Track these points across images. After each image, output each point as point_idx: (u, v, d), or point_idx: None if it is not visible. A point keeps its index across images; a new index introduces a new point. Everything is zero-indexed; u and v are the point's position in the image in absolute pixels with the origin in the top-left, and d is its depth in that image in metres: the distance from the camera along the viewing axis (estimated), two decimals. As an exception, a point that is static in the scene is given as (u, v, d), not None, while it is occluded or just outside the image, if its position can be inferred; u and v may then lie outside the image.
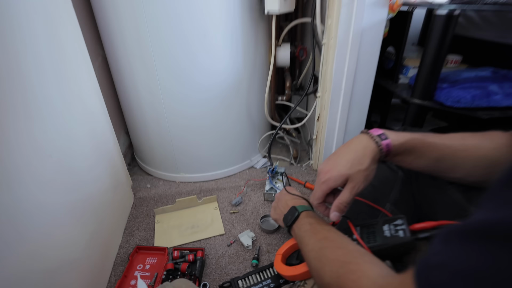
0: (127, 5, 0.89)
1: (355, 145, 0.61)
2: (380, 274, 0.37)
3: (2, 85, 0.49)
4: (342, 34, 0.89)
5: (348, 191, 0.59)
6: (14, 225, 0.50)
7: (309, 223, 0.64)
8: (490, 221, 0.26)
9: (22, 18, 0.57)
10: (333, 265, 0.46)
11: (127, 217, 1.05)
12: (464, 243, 0.27)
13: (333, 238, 0.54)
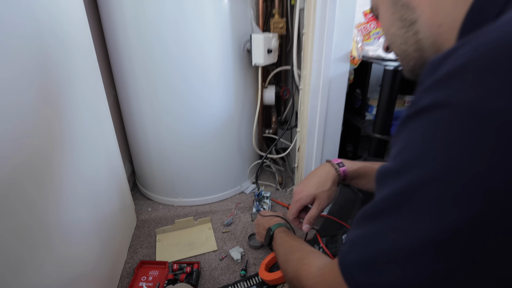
0: (139, 55, 1.10)
1: (320, 171, 0.80)
2: (323, 262, 0.52)
3: (54, 127, 0.67)
4: (314, 82, 1.09)
5: (316, 207, 0.78)
6: (48, 243, 0.62)
7: (280, 237, 0.80)
8: (376, 203, 0.33)
9: (74, 76, 0.75)
10: (293, 263, 0.58)
11: (131, 237, 1.20)
12: (362, 226, 0.35)
13: (295, 244, 0.69)
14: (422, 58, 0.48)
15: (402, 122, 0.31)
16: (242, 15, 1.18)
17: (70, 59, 0.77)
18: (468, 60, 0.25)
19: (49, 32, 0.68)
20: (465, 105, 0.25)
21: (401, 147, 0.30)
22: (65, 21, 0.76)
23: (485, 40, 0.25)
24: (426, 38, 0.45)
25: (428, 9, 0.44)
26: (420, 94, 0.29)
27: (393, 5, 0.49)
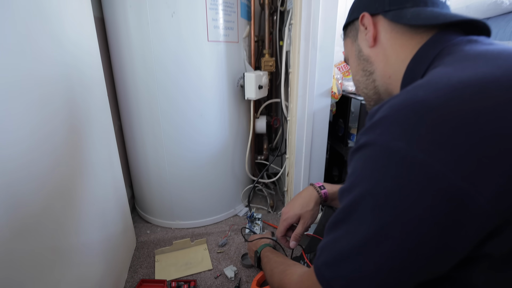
0: (144, 93, 1.23)
1: (304, 194, 0.92)
2: (303, 271, 0.60)
3: (76, 155, 0.79)
4: (300, 114, 1.23)
5: (301, 225, 0.89)
6: (66, 263, 0.70)
7: (266, 256, 0.87)
8: (336, 215, 0.42)
9: (91, 111, 0.88)
10: (278, 275, 0.66)
11: (131, 257, 1.28)
12: (328, 234, 0.43)
13: (279, 260, 0.77)
14: (379, 99, 0.62)
15: (351, 153, 0.43)
16: (236, 55, 1.33)
17: (87, 97, 0.90)
18: (384, 115, 0.38)
19: (74, 75, 0.81)
20: (381, 145, 0.37)
21: (351, 172, 0.42)
22: (85, 63, 0.89)
23: (394, 102, 0.38)
24: (381, 85, 0.60)
25: (381, 64, 0.59)
26: (361, 135, 0.41)
27: (358, 58, 0.64)
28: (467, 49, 0.44)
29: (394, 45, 0.56)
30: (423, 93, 0.36)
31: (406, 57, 0.53)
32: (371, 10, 0.59)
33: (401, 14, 0.54)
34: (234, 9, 1.26)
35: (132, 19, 1.15)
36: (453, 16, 0.48)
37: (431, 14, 0.50)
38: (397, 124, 0.36)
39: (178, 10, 1.12)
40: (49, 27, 0.70)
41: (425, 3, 0.54)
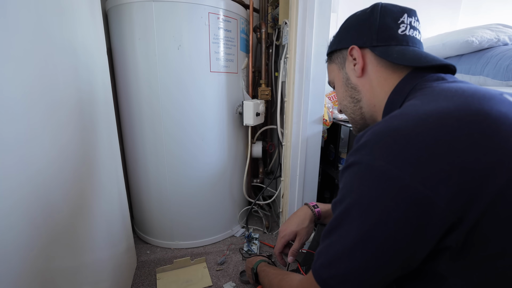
0: (149, 120, 1.33)
1: (299, 212, 1.00)
2: (302, 277, 0.64)
3: (92, 173, 0.86)
4: (294, 139, 1.34)
5: (297, 242, 0.96)
6: (81, 282, 0.79)
7: (262, 270, 0.94)
8: (330, 223, 0.50)
9: (100, 133, 0.96)
10: (277, 284, 0.73)
11: (133, 276, 1.33)
12: (324, 240, 0.50)
13: (276, 272, 0.84)
14: (365, 124, 0.71)
15: (342, 171, 0.51)
16: (235, 85, 1.45)
17: (99, 120, 0.99)
18: (368, 140, 0.47)
19: (86, 101, 0.90)
20: (366, 163, 0.45)
21: (342, 187, 0.50)
22: (98, 91, 0.99)
23: (376, 129, 0.47)
24: (367, 112, 0.69)
25: (368, 94, 0.67)
26: (349, 156, 0.50)
27: (346, 85, 0.72)
28: (434, 85, 0.54)
29: (379, 78, 0.65)
30: (397, 122, 0.46)
31: (389, 89, 0.62)
32: (360, 44, 0.66)
33: (388, 52, 0.62)
34: (234, 43, 1.39)
35: (140, 50, 1.26)
36: (430, 60, 0.58)
37: (413, 55, 0.60)
38: (378, 147, 0.45)
39: (184, 43, 1.24)
40: (74, 58, 0.80)
41: (407, 42, 0.63)
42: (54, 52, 0.69)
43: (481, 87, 0.51)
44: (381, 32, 0.64)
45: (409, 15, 0.64)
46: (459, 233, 0.41)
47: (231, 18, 1.33)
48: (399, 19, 0.63)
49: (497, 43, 1.45)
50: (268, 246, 1.54)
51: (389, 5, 0.65)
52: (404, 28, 0.63)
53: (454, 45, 1.55)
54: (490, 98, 0.45)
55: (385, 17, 0.64)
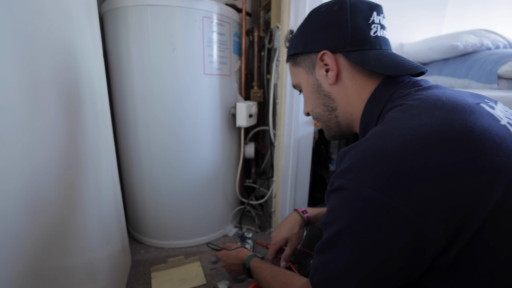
0: (143, 117, 1.35)
1: (289, 219, 1.02)
2: (302, 282, 0.64)
3: (94, 172, 0.89)
4: (286, 140, 1.37)
5: (289, 248, 0.98)
6: (72, 281, 0.81)
7: (257, 266, 0.91)
8: (323, 242, 0.50)
9: (101, 134, 0.99)
10: (278, 285, 0.73)
11: (127, 276, 1.34)
12: (318, 256, 0.51)
13: (273, 271, 0.82)
14: (340, 132, 0.70)
15: (327, 193, 0.50)
16: (228, 87, 1.48)
17: (99, 122, 1.01)
18: (352, 163, 0.46)
19: (89, 103, 0.92)
20: (353, 190, 0.45)
21: (330, 209, 0.50)
22: (96, 94, 1.01)
23: (359, 150, 0.47)
24: (343, 121, 0.67)
25: (344, 102, 0.64)
26: (334, 178, 0.49)
27: (317, 92, 0.68)
28: (413, 94, 0.53)
29: (355, 85, 0.62)
30: (381, 143, 0.45)
31: (365, 97, 0.60)
32: (332, 48, 0.61)
33: (364, 58, 0.59)
34: (228, 46, 1.42)
35: (135, 53, 1.28)
36: (408, 68, 0.57)
37: (391, 62, 0.58)
38: (363, 172, 0.44)
39: (178, 47, 1.27)
40: (74, 61, 0.83)
41: (380, 45, 0.60)
42: (54, 54, 0.71)
43: (458, 94, 0.51)
44: (354, 35, 0.60)
45: (378, 12, 0.61)
46: (449, 255, 0.41)
47: (224, 22, 1.36)
48: (369, 18, 0.60)
49: (480, 48, 1.51)
50: (261, 245, 1.57)
51: (356, 3, 0.61)
52: (375, 29, 0.60)
53: (440, 49, 1.61)
54: (470, 111, 0.45)
55: (356, 16, 0.60)
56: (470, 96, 0.52)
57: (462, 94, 0.52)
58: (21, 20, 0.57)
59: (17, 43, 0.55)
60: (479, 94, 0.57)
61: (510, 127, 0.45)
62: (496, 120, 0.45)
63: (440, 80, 1.64)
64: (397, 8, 1.76)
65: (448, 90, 0.55)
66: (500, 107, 0.54)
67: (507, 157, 0.40)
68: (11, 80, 0.52)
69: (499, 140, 0.41)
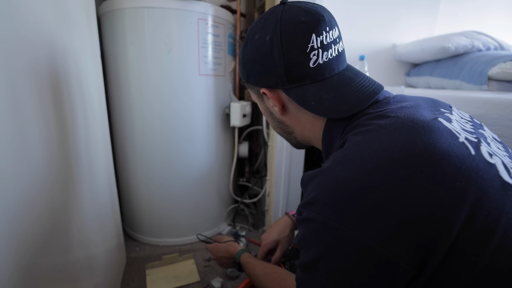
0: (140, 116, 1.36)
1: (280, 222, 1.03)
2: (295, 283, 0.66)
3: (91, 172, 0.91)
4: (279, 140, 1.40)
5: (279, 250, 0.99)
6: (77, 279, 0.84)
7: (248, 262, 0.90)
8: (301, 264, 0.49)
9: (97, 132, 1.00)
10: (272, 285, 0.73)
11: (122, 272, 1.36)
12: (299, 273, 0.50)
13: (265, 268, 0.82)
14: (302, 146, 0.71)
15: (297, 221, 0.50)
16: (223, 87, 1.50)
17: (92, 122, 1.02)
18: (316, 196, 0.46)
19: (88, 104, 0.94)
20: (320, 223, 0.44)
21: (301, 236, 0.49)
22: (92, 95, 1.03)
23: (322, 180, 0.46)
24: (302, 141, 0.68)
25: (298, 128, 0.64)
26: (302, 208, 0.48)
27: (271, 117, 0.67)
28: (370, 112, 0.52)
29: (305, 115, 0.60)
30: (343, 173, 0.44)
31: (321, 125, 0.59)
32: (271, 85, 0.58)
33: (304, 97, 0.56)
34: (222, 47, 1.44)
35: (132, 54, 1.29)
36: (353, 104, 0.54)
37: (333, 100, 0.54)
38: (328, 206, 0.44)
39: (174, 48, 1.29)
40: (73, 63, 0.84)
41: (322, 74, 0.55)
42: (58, 56, 0.73)
43: (414, 109, 0.51)
44: (290, 72, 0.55)
45: (318, 32, 0.54)
46: (417, 283, 0.42)
47: (219, 24, 1.37)
48: (307, 46, 0.53)
49: (471, 49, 1.54)
50: (255, 243, 1.60)
51: (289, 30, 0.54)
52: (315, 57, 0.54)
53: (432, 51, 1.63)
54: (430, 130, 0.45)
55: (289, 51, 0.54)
56: (427, 108, 0.53)
57: (419, 107, 0.52)
58: (24, 23, 0.59)
59: (19, 44, 0.57)
60: (434, 101, 0.58)
61: (468, 143, 0.45)
62: (454, 138, 0.45)
63: (432, 80, 1.67)
64: (389, 9, 1.78)
65: (404, 102, 0.54)
66: (456, 115, 0.54)
67: (466, 181, 0.40)
68: (19, 79, 0.54)
69: (459, 162, 0.41)
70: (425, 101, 0.56)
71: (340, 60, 0.58)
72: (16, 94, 0.57)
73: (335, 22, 0.58)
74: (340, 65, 0.58)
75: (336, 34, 0.57)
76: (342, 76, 0.57)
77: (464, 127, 0.50)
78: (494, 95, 1.09)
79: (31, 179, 0.62)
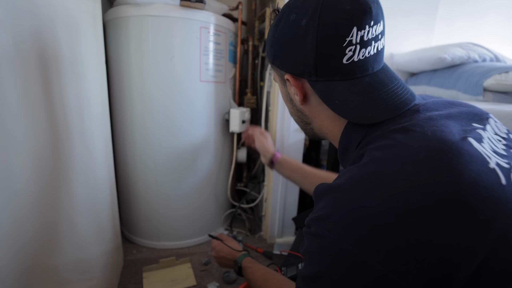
0: (140, 120, 1.39)
1: None
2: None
3: (98, 174, 0.92)
4: (278, 146, 1.42)
5: None
6: (65, 279, 0.85)
7: (249, 267, 0.89)
8: (303, 277, 0.47)
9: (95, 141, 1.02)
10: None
11: (119, 275, 1.38)
12: (299, 285, 0.48)
13: (265, 273, 0.81)
14: (317, 138, 0.66)
15: (305, 233, 0.48)
16: (223, 93, 1.53)
17: (95, 126, 1.05)
18: (329, 213, 0.44)
19: (92, 110, 0.97)
20: (330, 241, 0.42)
21: (307, 248, 0.47)
22: (96, 101, 1.05)
23: (337, 198, 0.44)
24: (319, 133, 0.64)
25: (317, 121, 0.60)
26: (311, 222, 0.47)
27: (290, 103, 0.63)
28: (396, 120, 0.49)
29: (326, 111, 0.56)
30: (359, 196, 0.42)
31: (341, 125, 0.56)
32: (296, 73, 0.55)
33: (329, 93, 0.52)
34: (223, 54, 1.47)
35: (135, 60, 1.32)
36: (380, 112, 0.49)
37: (359, 104, 0.50)
38: (340, 226, 0.42)
39: (176, 55, 1.31)
40: (80, 69, 0.87)
41: (354, 73, 0.50)
42: (64, 63, 0.76)
43: (445, 122, 0.46)
44: (321, 64, 0.51)
45: (360, 26, 0.48)
46: None
47: (220, 32, 1.40)
48: (345, 40, 0.48)
49: (468, 60, 1.57)
50: (251, 248, 1.61)
51: (329, 18, 0.48)
52: (351, 53, 0.49)
53: (429, 61, 1.66)
54: (458, 154, 0.41)
55: (324, 41, 0.49)
56: (459, 121, 0.48)
57: (450, 119, 0.48)
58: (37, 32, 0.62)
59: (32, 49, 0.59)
60: (469, 111, 0.52)
61: (499, 170, 0.41)
62: (484, 163, 0.41)
63: (428, 90, 1.70)
64: (387, 19, 1.80)
65: (435, 112, 0.49)
66: (489, 131, 0.49)
67: (492, 214, 0.37)
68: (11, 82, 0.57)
69: (486, 193, 0.38)
70: (459, 111, 0.51)
71: (377, 60, 0.53)
72: (17, 94, 0.59)
73: (382, 16, 0.52)
74: (375, 65, 0.52)
75: (379, 29, 0.51)
76: (375, 78, 0.52)
77: (496, 148, 0.46)
78: (489, 105, 1.12)
79: (34, 180, 0.64)
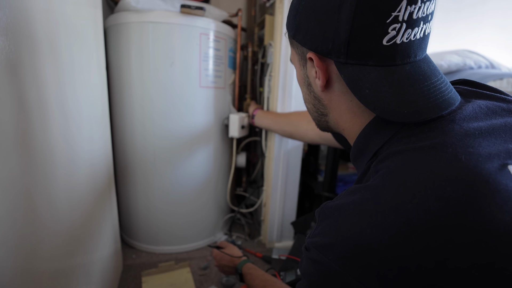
0: (140, 125, 1.40)
1: None
2: None
3: (101, 181, 0.94)
4: (276, 151, 1.44)
5: None
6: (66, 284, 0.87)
7: (249, 273, 0.90)
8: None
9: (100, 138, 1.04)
10: None
11: (119, 279, 1.38)
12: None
13: (265, 280, 0.82)
14: (330, 130, 0.59)
15: (306, 256, 0.46)
16: (222, 99, 1.55)
17: (95, 131, 1.06)
18: (335, 242, 0.40)
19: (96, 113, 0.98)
20: (335, 272, 0.39)
21: (307, 271, 0.45)
22: (97, 105, 1.06)
23: (343, 228, 0.40)
24: (334, 127, 0.56)
25: (335, 114, 0.52)
26: (313, 247, 0.43)
27: (307, 88, 0.54)
28: (425, 131, 0.41)
29: (350, 102, 0.48)
30: (369, 229, 0.37)
31: (361, 122, 0.49)
32: (323, 51, 0.45)
33: (358, 81, 0.43)
34: (223, 60, 1.49)
35: (136, 66, 1.34)
36: (416, 110, 0.40)
37: (393, 97, 0.41)
38: (346, 259, 0.38)
39: (176, 61, 1.33)
40: (81, 75, 0.88)
41: (393, 59, 0.41)
42: (68, 69, 0.78)
43: (483, 145, 0.37)
44: (354, 43, 0.41)
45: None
46: None
47: (220, 38, 1.42)
48: (390, 14, 0.38)
49: (464, 67, 1.59)
50: (250, 253, 1.62)
51: None
52: (395, 32, 0.40)
53: (425, 68, 1.69)
54: (493, 191, 0.33)
55: (364, 14, 0.39)
56: (501, 138, 0.39)
57: (489, 136, 0.39)
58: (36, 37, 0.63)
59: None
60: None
61: None
62: None
63: (425, 97, 1.72)
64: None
65: (473, 123, 0.41)
66: None
67: None
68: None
69: None
70: (503, 123, 0.42)
71: (422, 47, 0.43)
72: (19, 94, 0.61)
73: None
74: (418, 52, 0.43)
75: (431, 9, 0.41)
76: (416, 68, 0.42)
77: None
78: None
79: (38, 183, 0.65)
